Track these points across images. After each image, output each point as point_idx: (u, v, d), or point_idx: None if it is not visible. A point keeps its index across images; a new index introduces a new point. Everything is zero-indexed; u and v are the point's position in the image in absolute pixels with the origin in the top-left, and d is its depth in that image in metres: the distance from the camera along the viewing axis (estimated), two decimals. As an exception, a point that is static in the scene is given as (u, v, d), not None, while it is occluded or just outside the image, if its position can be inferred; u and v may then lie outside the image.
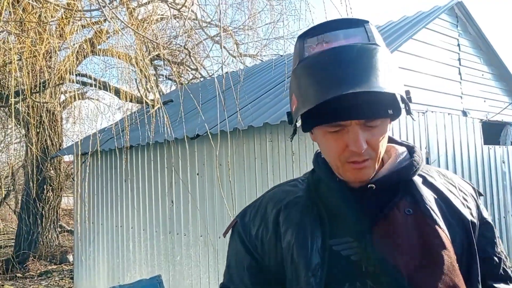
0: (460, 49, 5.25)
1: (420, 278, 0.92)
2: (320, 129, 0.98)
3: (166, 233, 5.21)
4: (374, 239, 0.95)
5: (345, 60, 0.89)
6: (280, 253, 1.02)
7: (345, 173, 0.98)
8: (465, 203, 1.06)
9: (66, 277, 8.32)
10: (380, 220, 0.97)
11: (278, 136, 4.05)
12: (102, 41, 7.56)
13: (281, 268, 1.01)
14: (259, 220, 1.08)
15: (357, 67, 0.88)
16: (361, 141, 0.92)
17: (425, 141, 4.48)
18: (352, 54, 0.89)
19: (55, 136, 8.87)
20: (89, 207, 6.51)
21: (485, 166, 5.15)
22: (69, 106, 10.35)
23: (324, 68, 0.90)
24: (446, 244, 0.95)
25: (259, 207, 1.11)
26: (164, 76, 11.46)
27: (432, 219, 0.97)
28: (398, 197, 1.00)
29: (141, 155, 5.64)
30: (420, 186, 1.03)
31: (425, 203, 0.99)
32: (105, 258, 6.22)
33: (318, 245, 0.96)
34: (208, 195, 4.70)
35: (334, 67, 0.89)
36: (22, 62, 5.53)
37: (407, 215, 0.97)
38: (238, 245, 1.10)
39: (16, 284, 7.98)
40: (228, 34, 8.29)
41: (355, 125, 0.92)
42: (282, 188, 1.13)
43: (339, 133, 0.94)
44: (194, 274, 4.81)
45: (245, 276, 1.07)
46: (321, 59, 0.91)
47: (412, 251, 0.94)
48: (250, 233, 1.08)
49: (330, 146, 0.97)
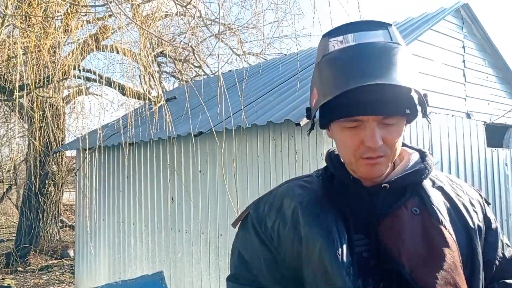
0: (465, 51, 5.24)
1: (421, 272, 0.94)
2: (337, 125, 1.00)
3: (168, 230, 5.22)
4: (380, 234, 0.98)
5: (367, 55, 0.93)
6: (297, 248, 1.02)
7: (358, 169, 1.01)
8: (472, 209, 1.09)
9: (67, 271, 8.34)
10: (388, 217, 0.99)
11: (282, 135, 4.05)
12: (106, 37, 7.56)
13: (296, 263, 1.03)
14: (275, 214, 1.08)
15: (379, 62, 0.92)
16: (377, 137, 0.95)
17: (428, 142, 4.48)
18: (375, 50, 0.93)
19: (58, 131, 8.88)
20: (91, 202, 6.52)
21: (488, 169, 5.15)
22: (72, 101, 10.36)
23: (347, 61, 0.94)
24: (449, 243, 0.97)
25: (274, 200, 1.11)
26: (167, 73, 11.47)
27: (438, 220, 1.00)
28: (406, 197, 1.02)
29: (144, 152, 5.65)
30: (428, 188, 1.06)
31: (432, 205, 1.02)
32: (106, 253, 6.23)
33: (346, 243, 0.98)
34: (210, 192, 4.71)
35: (356, 61, 0.92)
36: (26, 56, 5.53)
37: (414, 214, 1.00)
38: (253, 237, 1.09)
39: (17, 278, 8.00)
40: (232, 32, 8.29)
41: (372, 121, 0.95)
42: (298, 183, 1.13)
43: (356, 129, 0.97)
44: (195, 271, 4.82)
45: (262, 267, 1.07)
46: (344, 54, 0.95)
47: (415, 247, 0.96)
48: (266, 225, 1.08)
49: (346, 141, 1.00)
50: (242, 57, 8.74)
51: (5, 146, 11.95)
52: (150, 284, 2.99)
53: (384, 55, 0.92)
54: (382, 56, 0.92)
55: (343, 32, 1.01)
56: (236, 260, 1.13)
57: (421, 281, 0.93)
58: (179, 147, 5.09)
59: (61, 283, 7.71)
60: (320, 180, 1.12)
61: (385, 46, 0.94)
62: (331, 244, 0.97)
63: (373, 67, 0.91)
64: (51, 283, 7.69)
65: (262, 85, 5.67)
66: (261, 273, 1.07)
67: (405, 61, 0.94)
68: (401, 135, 1.01)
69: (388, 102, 0.94)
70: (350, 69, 0.92)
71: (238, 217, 1.16)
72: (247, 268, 1.10)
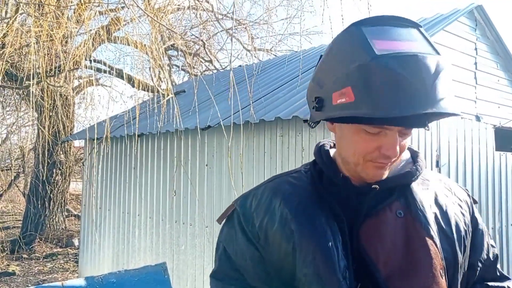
0: (477, 53, 5.20)
1: (397, 281, 0.93)
2: (355, 126, 0.95)
3: (172, 222, 5.24)
4: (361, 235, 0.96)
5: (428, 75, 0.85)
6: (284, 248, 0.99)
7: (364, 170, 0.98)
8: (459, 210, 1.08)
9: (71, 260, 8.41)
10: (371, 219, 0.98)
11: (289, 131, 4.04)
12: (118, 29, 7.59)
13: (284, 263, 1.00)
14: (263, 212, 1.04)
15: (439, 85, 0.86)
16: (397, 146, 0.94)
17: (436, 144, 4.45)
18: (433, 69, 0.86)
19: (67, 120, 8.94)
20: (97, 192, 6.56)
21: (496, 172, 5.11)
22: (82, 92, 10.42)
23: (407, 79, 0.84)
24: (431, 251, 0.96)
25: (262, 197, 1.06)
26: (177, 67, 11.50)
27: (421, 224, 0.98)
28: (392, 198, 1.01)
29: (151, 144, 5.67)
30: (415, 190, 1.04)
31: (417, 208, 1.00)
32: (111, 243, 6.27)
33: (340, 245, 0.96)
34: (216, 186, 4.72)
35: (417, 80, 0.85)
36: (39, 45, 5.57)
37: (397, 217, 0.98)
38: (239, 234, 1.06)
39: (21, 265, 8.08)
40: (243, 27, 8.29)
41: (396, 131, 0.93)
42: (286, 179, 1.09)
43: (375, 134, 0.94)
44: (198, 264, 4.83)
45: (247, 265, 1.04)
46: (403, 67, 0.85)
47: (395, 252, 0.95)
48: (253, 223, 1.04)
49: (359, 144, 0.96)
50: (253, 53, 8.74)
51: (15, 134, 12.06)
52: (152, 274, 3.00)
53: (442, 77, 0.86)
54: (440, 78, 0.86)
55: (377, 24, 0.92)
56: (220, 256, 1.10)
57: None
58: (186, 140, 5.10)
59: (65, 271, 7.78)
60: (309, 176, 1.08)
61: (440, 64, 0.87)
62: (325, 247, 0.95)
63: (433, 91, 0.85)
64: (55, 271, 7.76)
65: (271, 81, 5.66)
66: (246, 271, 1.04)
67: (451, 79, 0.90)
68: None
69: (418, 116, 0.90)
70: (412, 90, 0.84)
71: (224, 212, 1.12)
72: (231, 265, 1.07)
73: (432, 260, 0.94)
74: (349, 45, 0.93)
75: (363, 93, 0.87)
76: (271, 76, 6.03)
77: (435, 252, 0.95)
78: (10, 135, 12.28)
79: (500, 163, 5.20)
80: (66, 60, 6.22)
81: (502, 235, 5.03)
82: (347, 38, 0.94)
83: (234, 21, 7.80)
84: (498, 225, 5.00)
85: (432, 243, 0.96)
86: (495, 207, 4.99)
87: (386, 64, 0.85)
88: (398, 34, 0.91)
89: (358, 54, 0.89)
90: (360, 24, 0.93)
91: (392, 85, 0.84)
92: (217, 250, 1.12)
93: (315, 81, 1.00)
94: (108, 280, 2.78)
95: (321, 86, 0.97)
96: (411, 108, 0.83)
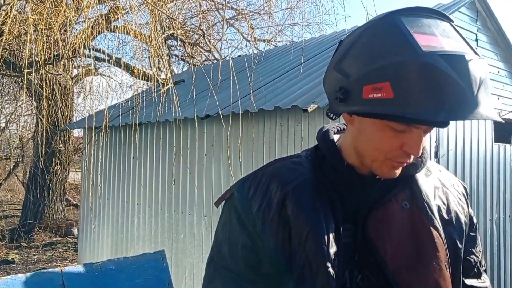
0: (478, 44, 5.18)
1: (404, 275, 0.92)
2: (380, 122, 0.89)
3: (171, 211, 5.25)
4: (368, 226, 0.94)
5: (475, 79, 0.81)
6: (282, 237, 0.97)
7: (380, 168, 0.95)
8: (459, 202, 1.07)
9: (70, 249, 8.44)
10: (378, 209, 0.96)
11: (288, 121, 4.04)
12: (117, 18, 7.54)
13: (280, 252, 0.97)
14: (261, 198, 1.00)
15: (483, 90, 0.82)
16: (421, 145, 0.91)
17: (435, 135, 4.45)
18: (480, 73, 0.81)
19: (66, 110, 8.92)
20: (96, 181, 6.56)
21: (494, 164, 5.11)
22: (81, 81, 10.39)
23: (456, 81, 0.79)
24: (437, 244, 0.95)
25: (260, 182, 1.03)
26: (176, 57, 11.45)
27: (427, 216, 0.97)
28: (397, 189, 0.99)
29: (150, 133, 5.67)
30: (420, 182, 1.02)
31: (423, 200, 0.99)
32: (110, 232, 6.29)
33: (333, 233, 0.94)
34: (214, 176, 4.72)
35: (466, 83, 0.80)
36: (37, 33, 5.54)
37: (403, 208, 0.97)
38: (234, 221, 1.03)
39: (21, 253, 8.11)
40: (243, 17, 8.24)
41: (422, 129, 0.90)
42: (286, 164, 1.06)
43: (400, 131, 0.90)
44: (196, 253, 4.85)
45: (237, 254, 1.02)
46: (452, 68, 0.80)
47: (402, 245, 0.94)
48: (250, 209, 1.00)
49: (383, 141, 0.91)
50: (253, 43, 8.70)
51: (13, 123, 12.04)
52: (151, 261, 3.01)
53: (485, 82, 0.82)
54: (484, 83, 0.82)
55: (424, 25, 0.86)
56: (217, 243, 1.08)
57: (404, 283, 0.91)
58: (185, 129, 5.09)
59: (64, 259, 7.82)
60: (310, 161, 1.05)
61: (483, 67, 0.83)
62: (316, 233, 0.93)
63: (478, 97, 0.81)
64: (54, 259, 7.80)
65: (271, 71, 5.65)
66: (235, 258, 1.02)
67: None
68: None
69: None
70: (459, 94, 0.79)
71: (221, 196, 1.08)
72: (222, 252, 1.04)
73: (438, 252, 0.94)
74: (388, 35, 0.86)
75: (405, 91, 0.81)
76: (271, 66, 6.02)
77: (440, 245, 0.94)
78: (9, 124, 12.26)
79: (499, 155, 5.21)
80: (65, 48, 6.19)
81: (499, 226, 5.05)
82: (385, 27, 0.87)
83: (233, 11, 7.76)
84: (496, 216, 5.02)
85: (438, 235, 0.95)
86: (493, 199, 5.00)
87: (434, 63, 0.79)
88: (437, 28, 0.85)
89: (401, 48, 0.82)
90: (398, 13, 0.87)
91: (439, 86, 0.79)
92: (215, 237, 1.11)
93: (338, 70, 0.93)
94: (107, 267, 2.79)
95: (347, 76, 0.90)
96: (460, 113, 0.79)
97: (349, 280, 0.94)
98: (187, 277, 4.91)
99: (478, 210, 4.77)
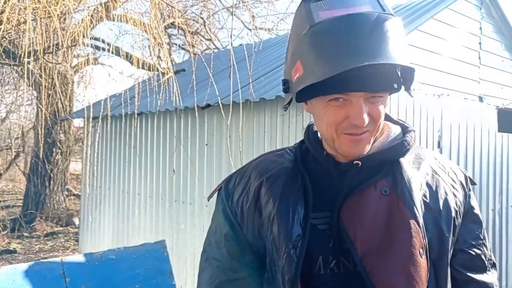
0: (482, 32, 5.12)
1: (372, 259, 0.92)
2: (320, 100, 0.94)
3: (172, 201, 5.24)
4: (342, 214, 0.95)
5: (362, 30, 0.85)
6: (257, 224, 1.01)
7: (340, 146, 0.96)
8: (451, 190, 1.04)
9: (71, 239, 8.46)
10: (354, 196, 0.96)
11: (290, 110, 4.00)
12: (117, 6, 7.47)
13: (258, 240, 1.02)
14: (242, 188, 1.07)
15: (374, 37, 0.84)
16: (364, 114, 0.90)
17: (438, 124, 4.42)
18: (369, 24, 0.85)
19: (66, 99, 8.89)
20: (97, 171, 6.55)
21: (497, 154, 5.09)
22: (81, 70, 10.34)
23: (340, 37, 0.85)
24: (412, 230, 0.93)
25: (244, 174, 1.09)
26: (177, 46, 11.38)
27: (405, 203, 0.95)
28: (378, 176, 0.98)
29: (151, 123, 5.64)
30: (405, 167, 1.00)
31: (404, 186, 0.97)
32: (111, 222, 6.29)
33: (300, 217, 0.96)
34: (215, 165, 4.70)
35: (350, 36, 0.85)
36: (36, 22, 5.48)
37: (382, 195, 0.96)
38: (220, 211, 1.09)
39: (22, 243, 8.14)
40: (245, 5, 8.17)
41: (359, 98, 0.90)
42: (269, 157, 1.11)
43: (341, 104, 0.92)
44: (197, 243, 4.84)
45: (221, 243, 1.07)
46: (336, 26, 0.86)
47: (374, 230, 0.93)
48: (232, 199, 1.07)
49: (328, 117, 0.94)
50: (254, 32, 8.63)
51: (14, 112, 12.02)
52: (152, 251, 3.01)
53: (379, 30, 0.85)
54: (377, 30, 0.85)
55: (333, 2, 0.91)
56: (207, 233, 1.15)
57: (370, 267, 0.91)
58: (186, 119, 5.06)
59: (65, 249, 7.84)
60: (293, 153, 1.08)
61: (379, 18, 0.86)
62: (281, 216, 0.96)
63: (369, 44, 0.84)
64: (55, 249, 7.82)
65: (272, 60, 5.60)
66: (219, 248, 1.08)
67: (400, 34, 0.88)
68: (385, 109, 0.96)
69: (377, 78, 0.89)
70: (344, 47, 0.84)
71: (213, 190, 1.15)
72: (211, 242, 1.11)
73: (412, 238, 0.92)
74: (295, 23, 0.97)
75: (306, 62, 0.89)
76: (273, 55, 5.97)
77: (416, 231, 0.92)
78: (9, 114, 12.24)
79: (502, 145, 5.18)
80: (65, 37, 6.13)
81: (502, 216, 5.03)
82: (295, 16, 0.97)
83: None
84: (498, 206, 5.00)
85: (414, 222, 0.93)
86: (495, 189, 4.98)
87: (321, 29, 0.86)
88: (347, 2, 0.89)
89: (301, 27, 0.91)
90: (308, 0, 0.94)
91: (329, 46, 0.85)
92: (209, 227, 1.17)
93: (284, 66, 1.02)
94: (107, 256, 2.78)
95: (285, 68, 1.00)
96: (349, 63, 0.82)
97: (323, 265, 0.95)
98: (188, 267, 4.91)
99: (481, 200, 4.75)
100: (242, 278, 1.05)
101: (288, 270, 0.93)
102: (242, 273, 1.05)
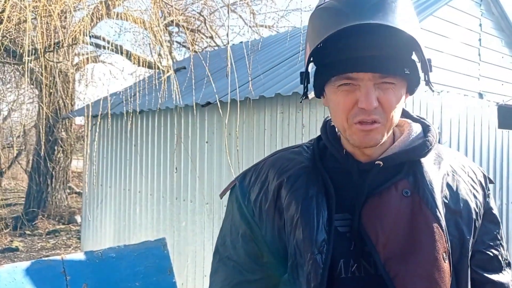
0: (482, 29, 5.11)
1: (395, 263, 0.89)
2: (330, 87, 0.93)
3: (173, 199, 5.25)
4: (363, 215, 0.92)
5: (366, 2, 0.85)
6: (277, 226, 0.98)
7: (351, 136, 0.93)
8: (472, 190, 1.01)
9: (73, 237, 8.49)
10: (374, 197, 0.93)
11: (290, 107, 4.01)
12: (117, 4, 7.47)
13: (278, 241, 0.98)
14: (259, 187, 1.02)
15: (380, 6, 0.84)
16: (372, 97, 0.87)
17: (438, 121, 4.42)
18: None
19: (67, 97, 8.90)
20: (98, 169, 6.57)
21: (497, 150, 5.09)
22: (82, 69, 10.35)
23: (340, 6, 0.87)
24: (435, 233, 0.90)
25: (260, 172, 1.05)
26: (178, 43, 11.38)
27: (428, 205, 0.92)
28: (399, 176, 0.95)
29: (151, 121, 5.65)
30: (426, 168, 0.97)
31: (426, 187, 0.94)
32: (112, 220, 6.31)
33: (324, 220, 0.92)
34: (216, 163, 4.71)
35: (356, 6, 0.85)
36: (37, 20, 5.49)
37: (403, 196, 0.93)
38: (235, 209, 1.06)
39: (25, 241, 8.17)
40: (245, 2, 8.16)
41: (368, 81, 0.88)
42: (286, 155, 1.06)
43: (351, 89, 0.89)
44: (198, 240, 4.86)
45: (238, 243, 1.04)
46: (341, 2, 0.87)
47: (396, 233, 0.90)
48: (249, 198, 1.03)
49: (339, 104, 0.92)
50: (254, 29, 8.61)
51: (16, 111, 12.04)
52: (152, 249, 3.01)
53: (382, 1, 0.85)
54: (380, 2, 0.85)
55: None
56: (220, 232, 1.11)
57: (393, 272, 0.88)
58: (186, 117, 5.07)
59: (67, 247, 7.87)
60: (310, 151, 1.04)
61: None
62: (305, 220, 0.92)
63: (372, 10, 0.84)
64: (57, 247, 7.85)
65: (272, 57, 5.60)
66: (236, 248, 1.04)
67: (406, 8, 0.87)
68: (400, 101, 0.92)
69: (386, 59, 0.87)
70: (343, 11, 0.85)
71: (225, 187, 1.11)
72: (226, 242, 1.07)
73: (435, 242, 0.89)
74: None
75: (311, 37, 0.93)
76: (272, 52, 5.96)
77: (439, 235, 0.90)
78: (11, 113, 12.27)
79: (502, 141, 5.18)
80: (65, 35, 6.14)
81: (502, 212, 5.04)
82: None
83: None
84: (499, 202, 5.00)
85: (437, 225, 0.90)
86: (495, 185, 4.98)
87: (324, 6, 0.90)
88: None
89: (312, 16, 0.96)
90: None
91: (329, 16, 0.88)
92: (221, 225, 1.14)
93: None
94: (108, 254, 2.79)
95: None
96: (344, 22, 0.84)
97: (344, 269, 0.92)
98: (189, 265, 4.93)
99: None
100: (259, 279, 1.02)
101: (314, 276, 0.89)
102: (259, 274, 1.02)
